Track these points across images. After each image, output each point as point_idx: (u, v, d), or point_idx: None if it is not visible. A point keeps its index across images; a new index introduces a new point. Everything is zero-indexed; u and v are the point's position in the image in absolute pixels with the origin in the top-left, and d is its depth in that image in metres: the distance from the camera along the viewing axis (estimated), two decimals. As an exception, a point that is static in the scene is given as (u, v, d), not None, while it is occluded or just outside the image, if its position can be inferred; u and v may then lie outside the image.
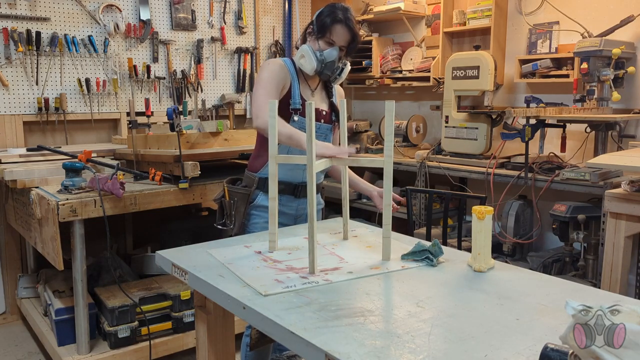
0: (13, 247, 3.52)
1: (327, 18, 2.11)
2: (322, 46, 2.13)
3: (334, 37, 2.12)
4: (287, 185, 2.18)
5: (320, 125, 2.21)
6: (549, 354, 0.96)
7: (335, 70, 2.16)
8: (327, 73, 2.15)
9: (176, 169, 2.76)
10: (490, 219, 1.56)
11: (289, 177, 2.19)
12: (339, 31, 2.11)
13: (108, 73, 3.73)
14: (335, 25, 2.10)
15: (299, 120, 2.14)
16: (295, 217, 2.26)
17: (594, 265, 2.90)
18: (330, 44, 2.12)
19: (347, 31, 2.12)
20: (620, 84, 3.08)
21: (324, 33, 2.12)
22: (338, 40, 2.12)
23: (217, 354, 1.76)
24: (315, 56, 2.11)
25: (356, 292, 1.43)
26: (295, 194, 2.21)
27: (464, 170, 3.49)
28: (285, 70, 2.16)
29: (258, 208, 2.19)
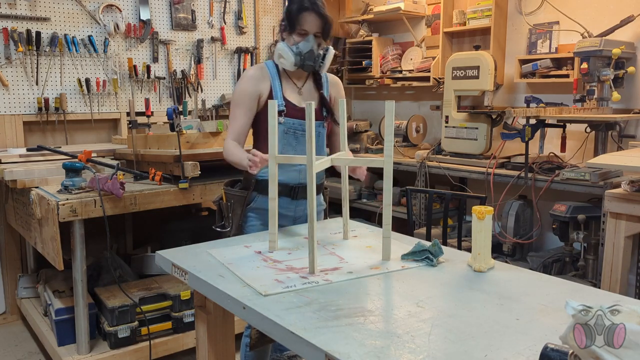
0: (13, 247, 3.52)
1: (294, 9, 2.06)
2: (297, 39, 2.07)
3: (305, 27, 2.06)
4: (284, 187, 2.13)
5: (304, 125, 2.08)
6: (549, 354, 0.96)
7: (317, 58, 2.10)
8: (309, 64, 2.09)
9: (176, 169, 2.76)
10: (490, 219, 1.56)
11: (286, 179, 2.14)
12: (308, 19, 2.05)
13: (108, 73, 3.73)
14: (302, 14, 2.05)
15: (284, 122, 2.09)
16: (294, 219, 2.23)
17: (594, 265, 2.90)
18: (304, 34, 2.06)
19: (316, 16, 2.05)
20: (620, 84, 3.08)
21: (294, 25, 2.06)
22: (310, 28, 2.06)
23: (217, 354, 1.76)
24: (292, 51, 2.06)
25: (356, 292, 1.43)
26: (293, 195, 2.18)
27: (464, 170, 3.49)
28: (260, 77, 2.12)
29: (255, 210, 2.17)
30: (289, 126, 2.10)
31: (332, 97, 2.25)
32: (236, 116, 2.13)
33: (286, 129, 2.10)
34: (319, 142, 2.19)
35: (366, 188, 4.34)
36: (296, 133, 2.12)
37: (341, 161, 1.82)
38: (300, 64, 2.07)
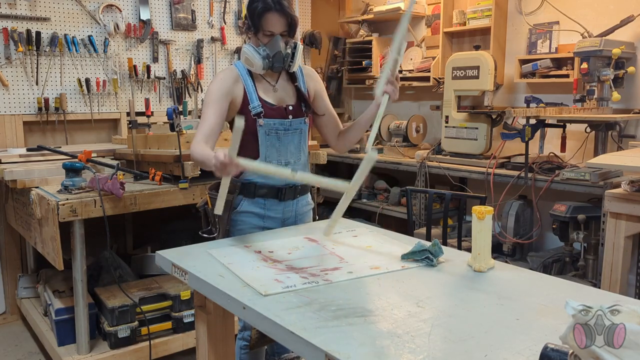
0: (13, 247, 3.52)
1: (255, 9, 1.94)
2: (263, 39, 1.97)
3: (270, 28, 1.95)
4: (270, 188, 2.07)
5: (290, 122, 2.06)
6: (549, 354, 0.96)
7: (286, 58, 2.00)
8: (278, 65, 1.99)
9: (176, 169, 2.76)
10: (490, 219, 1.56)
11: (272, 181, 2.06)
12: (273, 19, 1.95)
13: (108, 73, 3.73)
14: (265, 15, 1.94)
15: (264, 124, 2.01)
16: (282, 220, 2.15)
17: (594, 265, 2.90)
18: (270, 35, 1.96)
19: (281, 16, 1.95)
20: (620, 84, 3.08)
21: (258, 27, 1.96)
22: (275, 29, 1.96)
23: (217, 354, 1.76)
24: (259, 54, 1.96)
25: (356, 292, 1.43)
26: (279, 197, 2.09)
27: (464, 170, 3.49)
28: (231, 78, 2.03)
29: (242, 214, 2.09)
30: (270, 127, 2.02)
31: (310, 89, 2.17)
32: (207, 116, 2.01)
33: (267, 130, 2.02)
34: (302, 140, 2.12)
35: (366, 188, 4.34)
36: (278, 133, 2.04)
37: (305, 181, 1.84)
38: (268, 66, 1.99)
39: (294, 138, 2.08)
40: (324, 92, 2.23)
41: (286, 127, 2.05)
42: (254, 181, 2.05)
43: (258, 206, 2.07)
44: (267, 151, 2.03)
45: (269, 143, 2.03)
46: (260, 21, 1.95)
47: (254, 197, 2.07)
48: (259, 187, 2.06)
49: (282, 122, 2.04)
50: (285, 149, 2.07)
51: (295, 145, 2.09)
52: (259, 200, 2.07)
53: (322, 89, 2.22)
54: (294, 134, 2.08)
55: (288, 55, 2.00)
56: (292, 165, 2.08)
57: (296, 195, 2.14)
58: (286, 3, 1.96)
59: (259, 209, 2.07)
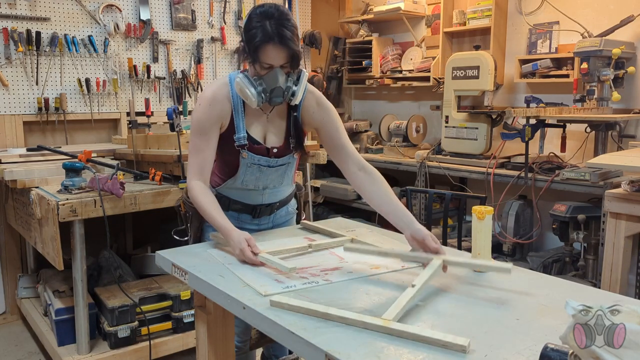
0: (13, 247, 3.52)
1: (254, 38, 1.68)
2: (260, 71, 1.73)
3: (268, 60, 1.70)
4: (245, 206, 1.97)
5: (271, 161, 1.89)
6: (549, 354, 0.96)
7: (286, 93, 1.76)
8: (276, 100, 1.76)
9: (176, 169, 2.76)
10: (490, 219, 1.56)
11: (247, 200, 1.97)
12: (272, 52, 1.68)
13: (108, 73, 3.73)
14: (265, 47, 1.67)
15: (248, 157, 1.85)
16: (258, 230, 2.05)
17: (594, 265, 2.90)
18: (269, 67, 1.71)
19: (282, 49, 1.68)
20: (620, 84, 3.08)
21: (256, 58, 1.70)
22: (274, 61, 1.70)
23: (217, 354, 1.76)
24: (254, 87, 1.72)
25: (356, 292, 1.43)
26: (253, 214, 2.00)
27: (464, 170, 3.49)
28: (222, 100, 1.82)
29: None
30: (253, 161, 1.87)
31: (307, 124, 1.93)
32: (200, 148, 1.81)
33: (249, 163, 1.87)
34: (287, 171, 1.97)
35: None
36: (260, 167, 1.89)
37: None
38: (264, 101, 1.76)
39: (278, 170, 1.94)
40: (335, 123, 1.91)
41: (270, 164, 1.90)
42: (228, 196, 1.96)
43: (232, 219, 1.86)
44: (244, 177, 1.90)
45: (248, 172, 1.90)
46: (258, 52, 1.69)
47: (228, 210, 1.95)
48: (232, 202, 1.96)
49: (267, 160, 1.89)
50: (266, 178, 1.93)
51: (279, 174, 1.95)
52: (232, 213, 1.97)
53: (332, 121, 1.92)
54: (279, 169, 1.94)
55: (288, 89, 1.76)
56: (270, 190, 1.97)
57: (273, 211, 2.04)
58: (289, 34, 1.68)
59: (233, 221, 1.84)
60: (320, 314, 1.25)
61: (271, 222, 2.08)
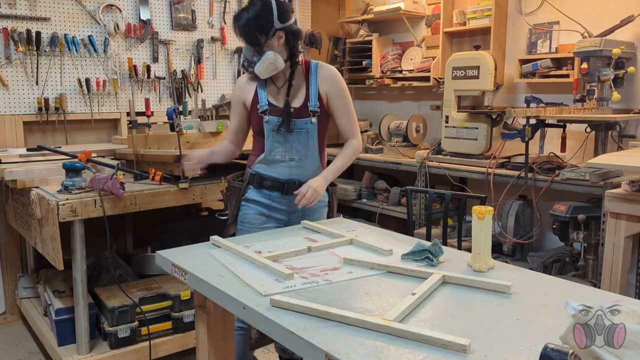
0: (13, 247, 3.52)
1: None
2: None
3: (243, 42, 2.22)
4: (274, 181, 2.25)
5: (295, 122, 2.21)
6: (549, 354, 0.96)
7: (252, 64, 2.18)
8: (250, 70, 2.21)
9: (176, 169, 2.76)
10: (490, 219, 1.56)
11: (276, 175, 2.25)
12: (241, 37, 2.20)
13: (108, 73, 3.73)
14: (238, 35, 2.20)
15: (269, 120, 2.20)
16: (288, 213, 2.29)
17: (594, 265, 2.90)
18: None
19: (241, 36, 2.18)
20: (620, 84, 3.08)
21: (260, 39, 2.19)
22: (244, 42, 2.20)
23: (217, 354, 1.76)
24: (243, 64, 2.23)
25: (356, 292, 1.43)
26: (282, 190, 2.25)
27: (464, 170, 3.49)
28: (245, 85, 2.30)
29: (248, 200, 2.29)
30: (275, 124, 2.20)
31: (322, 91, 2.25)
32: (230, 119, 2.41)
33: (272, 126, 2.21)
34: (309, 139, 2.24)
35: (366, 188, 4.34)
36: (282, 130, 2.21)
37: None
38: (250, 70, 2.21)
39: (300, 137, 2.21)
40: (339, 95, 2.27)
41: (291, 126, 2.19)
42: (260, 173, 2.26)
43: (264, 197, 2.26)
44: (272, 145, 2.22)
45: (274, 139, 2.22)
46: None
47: (260, 187, 2.26)
48: (264, 178, 2.25)
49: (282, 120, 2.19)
50: (290, 145, 2.21)
51: (302, 143, 2.22)
52: (264, 191, 2.26)
53: (335, 92, 2.26)
54: (300, 133, 2.21)
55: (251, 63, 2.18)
56: (297, 162, 2.23)
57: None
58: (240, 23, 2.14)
59: (264, 199, 2.26)
60: (320, 313, 1.25)
61: (301, 210, 2.24)
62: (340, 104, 2.27)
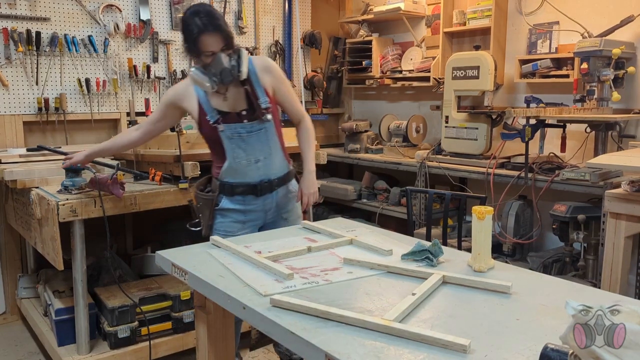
0: (13, 247, 3.52)
1: (191, 33, 2.02)
2: (206, 60, 2.05)
3: (208, 48, 2.03)
4: (246, 186, 2.22)
5: (251, 125, 2.17)
6: (549, 354, 0.96)
7: (233, 70, 2.07)
8: (228, 80, 2.08)
9: (176, 169, 2.76)
10: (490, 219, 1.56)
11: (247, 179, 2.22)
12: (209, 40, 2.02)
13: (108, 73, 3.73)
14: (201, 37, 2.01)
15: (225, 129, 2.14)
16: (264, 212, 2.29)
17: (594, 265, 2.90)
18: (211, 54, 2.04)
19: (215, 35, 2.02)
20: (620, 84, 3.08)
21: (198, 50, 2.04)
22: (213, 47, 2.03)
23: (217, 354, 1.76)
24: (206, 76, 2.06)
25: (356, 292, 1.43)
26: (256, 193, 2.24)
27: (464, 171, 3.49)
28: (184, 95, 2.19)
29: (222, 211, 2.26)
30: (232, 131, 2.15)
31: (267, 84, 2.21)
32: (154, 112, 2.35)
33: (229, 134, 2.15)
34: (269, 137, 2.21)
35: (366, 188, 4.35)
36: (241, 136, 2.16)
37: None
38: (218, 84, 2.08)
39: (260, 137, 2.18)
40: (281, 83, 2.25)
41: (248, 129, 2.16)
42: (230, 182, 2.22)
43: (237, 203, 2.24)
44: (233, 153, 2.18)
45: (233, 145, 2.17)
46: (198, 44, 2.02)
47: (233, 195, 2.23)
48: (235, 186, 2.22)
49: (242, 126, 2.15)
50: (252, 148, 2.18)
51: (263, 143, 2.19)
52: (237, 197, 2.23)
53: (278, 81, 2.25)
54: (259, 134, 2.18)
55: (234, 67, 2.07)
56: (262, 162, 2.20)
57: (273, 188, 2.25)
58: (218, 21, 2.03)
59: (238, 206, 2.24)
60: (320, 313, 1.25)
61: (274, 202, 2.27)
62: (285, 91, 2.26)
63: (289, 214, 2.34)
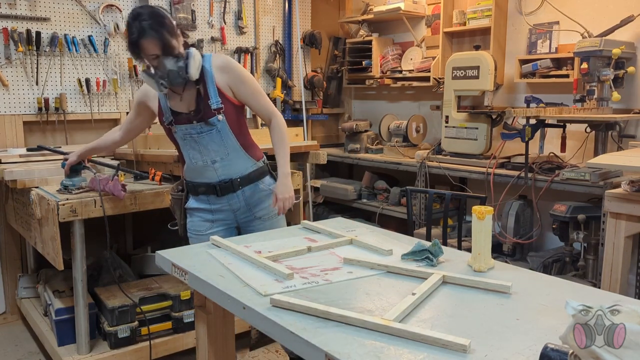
0: (13, 247, 3.52)
1: (131, 38, 1.99)
2: (152, 62, 2.05)
3: (149, 52, 2.00)
4: (207, 186, 2.22)
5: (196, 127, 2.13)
6: (549, 354, 0.96)
7: (180, 72, 2.03)
8: (178, 81, 2.06)
9: (176, 169, 2.75)
10: (490, 219, 1.56)
11: (204, 179, 2.22)
12: (149, 45, 1.99)
13: (108, 73, 3.73)
14: (140, 42, 1.98)
15: (178, 130, 2.16)
16: (233, 211, 2.27)
17: (594, 265, 2.90)
18: (155, 57, 2.02)
19: (153, 40, 1.98)
20: (620, 84, 3.08)
21: (139, 54, 2.02)
22: (155, 51, 2.00)
23: (217, 354, 1.76)
24: (153, 78, 2.05)
25: (356, 292, 1.43)
26: (217, 193, 2.23)
27: (464, 170, 3.49)
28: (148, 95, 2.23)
29: (191, 209, 2.30)
30: (183, 132, 2.15)
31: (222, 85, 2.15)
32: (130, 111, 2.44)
33: (182, 135, 2.16)
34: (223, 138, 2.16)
35: (366, 188, 4.35)
36: (192, 136, 2.15)
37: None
38: (166, 85, 2.06)
39: (212, 137, 2.15)
40: (242, 82, 2.18)
41: (197, 130, 2.14)
42: (192, 181, 2.24)
43: (203, 202, 2.25)
44: (188, 153, 2.19)
45: (188, 146, 2.18)
46: (139, 49, 2.00)
47: (197, 194, 2.25)
48: (197, 186, 2.24)
49: (192, 127, 2.14)
50: (206, 149, 2.16)
51: (217, 143, 2.16)
52: (202, 197, 2.25)
53: (238, 81, 2.17)
54: (211, 134, 2.14)
55: (181, 69, 2.03)
56: (220, 163, 2.18)
57: (237, 187, 2.22)
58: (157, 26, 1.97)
59: (204, 205, 2.25)
60: (320, 313, 1.25)
61: (243, 201, 2.25)
62: (246, 91, 2.19)
63: (264, 212, 2.28)
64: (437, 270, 1.53)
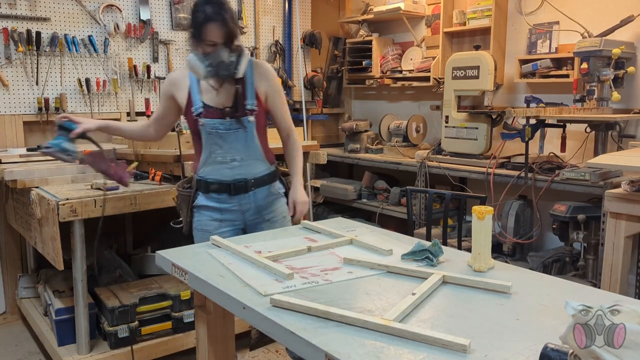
0: (13, 247, 3.52)
1: (199, 20, 2.01)
2: (206, 49, 2.04)
3: (211, 38, 2.02)
4: (220, 184, 2.21)
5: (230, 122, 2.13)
6: (549, 354, 0.96)
7: (230, 66, 2.05)
8: (223, 73, 2.07)
9: (176, 169, 2.76)
10: (490, 219, 1.56)
11: (220, 177, 2.20)
12: (214, 30, 2.01)
13: (108, 73, 3.73)
14: (207, 25, 2.00)
15: (204, 124, 2.13)
16: (242, 212, 2.25)
17: (594, 265, 2.90)
18: (213, 45, 2.03)
19: (220, 26, 2.01)
20: (620, 84, 3.08)
21: (200, 37, 2.02)
22: (217, 38, 2.02)
23: (217, 354, 1.76)
24: (202, 63, 2.04)
25: (356, 292, 1.43)
26: (230, 192, 2.21)
27: (464, 170, 3.49)
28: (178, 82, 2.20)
29: (199, 207, 2.25)
30: (210, 127, 2.14)
31: (260, 90, 2.20)
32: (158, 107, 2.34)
33: (208, 129, 2.14)
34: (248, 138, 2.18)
35: (366, 188, 4.35)
36: (219, 132, 2.15)
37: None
38: (212, 74, 2.06)
39: (239, 136, 2.16)
40: (277, 93, 2.25)
41: (227, 126, 2.14)
42: (206, 178, 2.21)
43: (213, 201, 2.22)
44: (210, 148, 2.17)
45: (211, 141, 2.16)
46: (202, 31, 2.01)
47: (208, 192, 2.22)
48: (210, 183, 2.21)
49: (222, 122, 2.13)
50: (230, 146, 2.17)
51: (242, 143, 2.17)
52: (212, 195, 2.22)
53: (274, 90, 2.23)
54: (237, 133, 2.16)
55: (232, 63, 2.05)
56: (239, 162, 2.19)
57: (249, 188, 2.22)
58: (227, 15, 2.01)
59: (214, 203, 2.22)
60: (320, 313, 1.25)
61: (253, 203, 2.24)
62: (279, 102, 2.25)
63: (272, 214, 2.29)
64: (437, 270, 1.53)
